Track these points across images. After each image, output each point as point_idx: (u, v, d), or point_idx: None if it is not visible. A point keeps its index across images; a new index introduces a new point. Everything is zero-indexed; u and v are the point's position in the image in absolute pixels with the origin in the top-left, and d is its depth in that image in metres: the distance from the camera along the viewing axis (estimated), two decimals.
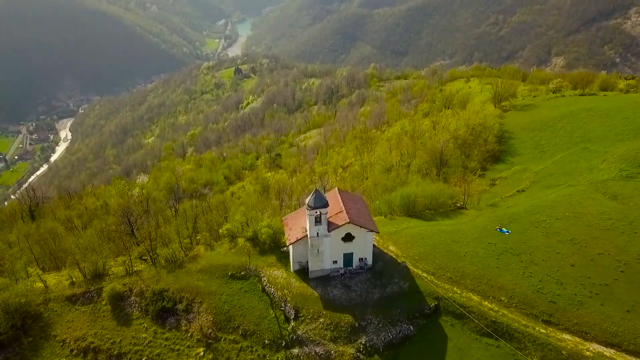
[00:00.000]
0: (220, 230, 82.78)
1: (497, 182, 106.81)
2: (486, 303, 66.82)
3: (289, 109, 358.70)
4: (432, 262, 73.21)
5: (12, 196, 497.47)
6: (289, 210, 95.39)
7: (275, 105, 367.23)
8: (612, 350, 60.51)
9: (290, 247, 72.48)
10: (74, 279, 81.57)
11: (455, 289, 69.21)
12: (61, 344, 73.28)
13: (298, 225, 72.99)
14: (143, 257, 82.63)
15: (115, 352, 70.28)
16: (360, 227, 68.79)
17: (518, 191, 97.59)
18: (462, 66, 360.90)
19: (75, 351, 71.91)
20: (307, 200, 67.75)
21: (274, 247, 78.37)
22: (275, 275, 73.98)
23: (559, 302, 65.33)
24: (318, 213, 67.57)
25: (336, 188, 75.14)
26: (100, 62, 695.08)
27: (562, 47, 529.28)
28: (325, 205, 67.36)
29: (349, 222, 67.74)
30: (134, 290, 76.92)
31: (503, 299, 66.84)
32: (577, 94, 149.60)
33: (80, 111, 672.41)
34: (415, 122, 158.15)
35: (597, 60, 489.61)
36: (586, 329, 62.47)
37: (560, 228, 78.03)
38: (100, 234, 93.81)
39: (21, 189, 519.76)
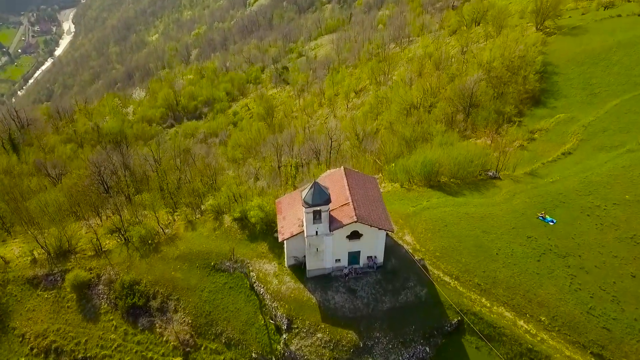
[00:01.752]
0: (203, 206, 69.24)
1: (536, 134, 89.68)
2: (522, 323, 54.28)
3: (299, 7, 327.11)
4: (456, 262, 59.76)
5: (18, 92, 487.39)
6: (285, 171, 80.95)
7: (285, 3, 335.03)
8: None
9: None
10: (36, 256, 70.26)
11: (484, 300, 56.41)
12: (20, 339, 63.61)
13: (293, 213, 58.88)
14: (113, 232, 70.15)
15: (79, 356, 60.45)
16: (371, 226, 54.59)
17: (563, 153, 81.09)
18: None
19: (35, 350, 62.29)
20: (303, 194, 53.00)
21: (266, 232, 65.11)
22: (266, 270, 61.42)
23: (615, 329, 52.51)
24: (318, 209, 53.18)
25: (342, 168, 59.73)
26: None
27: None
28: (327, 201, 52.66)
29: (356, 222, 53.47)
30: (102, 278, 65.51)
31: (543, 319, 54.11)
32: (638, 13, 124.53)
33: (82, 1, 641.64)
34: (440, 44, 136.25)
35: None
36: None
37: (619, 219, 63.17)
38: (69, 194, 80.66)
39: (26, 85, 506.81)
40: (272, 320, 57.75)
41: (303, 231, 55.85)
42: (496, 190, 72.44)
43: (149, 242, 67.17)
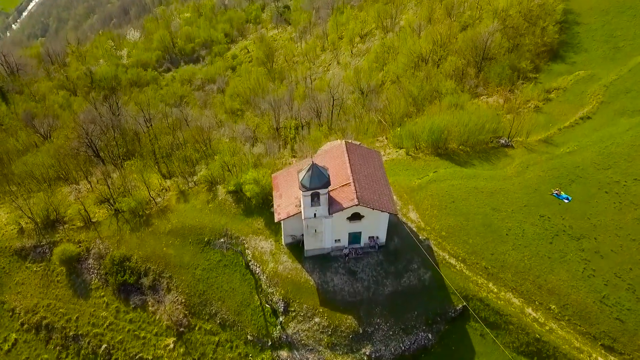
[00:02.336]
0: (196, 177, 65.28)
1: (552, 94, 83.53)
2: (530, 311, 51.59)
3: None
4: (463, 243, 56.37)
5: (12, 25, 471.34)
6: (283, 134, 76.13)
7: None
8: None
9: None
10: (23, 225, 67.36)
11: (491, 285, 53.51)
12: (10, 313, 61.88)
13: (291, 191, 54.93)
14: (102, 202, 66.78)
15: (71, 333, 58.73)
16: (373, 209, 50.72)
17: (582, 118, 75.55)
18: None
19: (26, 325, 60.61)
20: (300, 176, 48.77)
21: (262, 206, 61.50)
22: (262, 248, 58.36)
23: (629, 321, 49.75)
24: (316, 192, 49.17)
25: (343, 142, 55.06)
26: None
27: None
28: (326, 184, 48.56)
29: (357, 205, 49.58)
30: (92, 252, 62.79)
31: (553, 307, 51.33)
32: None
33: None
34: None
35: None
36: None
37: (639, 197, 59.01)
38: (57, 157, 76.53)
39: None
40: (267, 303, 55.31)
41: (300, 212, 52.14)
42: (508, 160, 67.87)
43: (140, 213, 63.89)
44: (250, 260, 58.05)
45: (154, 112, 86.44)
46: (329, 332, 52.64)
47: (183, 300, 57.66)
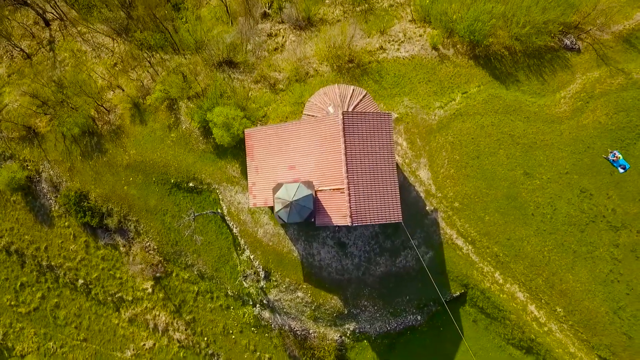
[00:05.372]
0: (149, 98, 49.82)
1: None
2: (532, 308, 46.79)
3: None
4: (478, 220, 46.97)
5: None
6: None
7: None
8: None
9: None
10: None
11: (497, 275, 47.07)
12: None
13: (269, 165, 42.71)
14: (39, 107, 53.29)
15: (44, 263, 55.65)
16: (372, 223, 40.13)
17: None
18: None
19: None
20: (276, 205, 36.96)
21: (238, 149, 49.02)
22: (239, 204, 49.38)
23: (637, 337, 45.44)
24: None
25: (340, 116, 39.30)
26: None
27: None
28: (309, 217, 37.09)
29: (351, 225, 39.04)
30: (43, 176, 53.80)
31: (559, 310, 46.30)
32: None
33: None
34: None
35: None
36: None
37: None
38: None
39: None
40: (247, 270, 50.03)
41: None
42: (567, 76, 50.12)
43: (90, 130, 51.84)
44: (225, 216, 49.92)
45: None
46: (313, 308, 49.38)
47: (155, 247, 52.35)
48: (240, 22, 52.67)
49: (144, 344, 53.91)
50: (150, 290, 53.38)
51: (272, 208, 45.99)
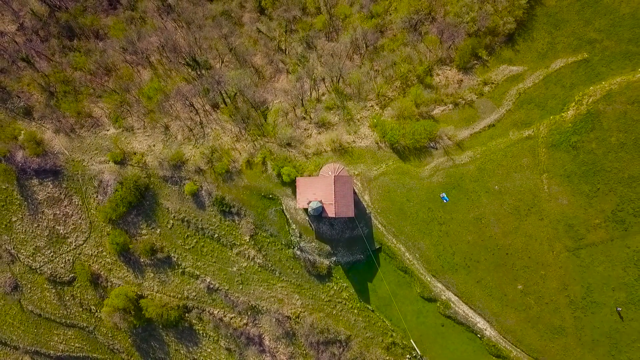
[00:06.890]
0: (256, 158, 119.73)
1: (485, 88, 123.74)
2: (407, 254, 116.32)
3: None
4: (387, 217, 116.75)
5: None
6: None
7: None
8: None
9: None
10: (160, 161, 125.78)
11: (393, 239, 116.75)
12: (166, 210, 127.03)
13: (306, 193, 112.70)
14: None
15: (200, 226, 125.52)
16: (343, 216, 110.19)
17: (488, 126, 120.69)
18: None
19: (176, 218, 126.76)
20: (310, 207, 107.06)
21: (291, 183, 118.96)
22: (290, 206, 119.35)
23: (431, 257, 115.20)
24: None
25: (333, 177, 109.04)
26: None
27: None
28: (320, 212, 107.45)
29: (334, 217, 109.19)
30: (204, 188, 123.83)
31: (416, 254, 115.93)
32: None
33: None
34: None
35: None
36: None
37: (483, 204, 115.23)
38: None
39: None
40: (291, 232, 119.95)
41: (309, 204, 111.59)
42: (429, 159, 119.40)
43: (228, 170, 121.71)
44: (284, 210, 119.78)
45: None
46: (318, 251, 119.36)
47: (252, 221, 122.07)
48: (294, 123, 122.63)
49: (243, 265, 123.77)
50: (247, 239, 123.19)
51: (306, 209, 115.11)
